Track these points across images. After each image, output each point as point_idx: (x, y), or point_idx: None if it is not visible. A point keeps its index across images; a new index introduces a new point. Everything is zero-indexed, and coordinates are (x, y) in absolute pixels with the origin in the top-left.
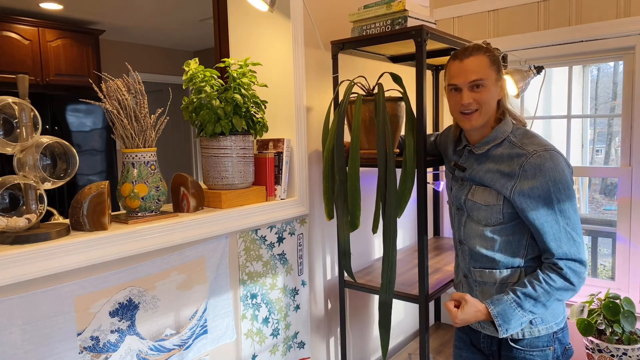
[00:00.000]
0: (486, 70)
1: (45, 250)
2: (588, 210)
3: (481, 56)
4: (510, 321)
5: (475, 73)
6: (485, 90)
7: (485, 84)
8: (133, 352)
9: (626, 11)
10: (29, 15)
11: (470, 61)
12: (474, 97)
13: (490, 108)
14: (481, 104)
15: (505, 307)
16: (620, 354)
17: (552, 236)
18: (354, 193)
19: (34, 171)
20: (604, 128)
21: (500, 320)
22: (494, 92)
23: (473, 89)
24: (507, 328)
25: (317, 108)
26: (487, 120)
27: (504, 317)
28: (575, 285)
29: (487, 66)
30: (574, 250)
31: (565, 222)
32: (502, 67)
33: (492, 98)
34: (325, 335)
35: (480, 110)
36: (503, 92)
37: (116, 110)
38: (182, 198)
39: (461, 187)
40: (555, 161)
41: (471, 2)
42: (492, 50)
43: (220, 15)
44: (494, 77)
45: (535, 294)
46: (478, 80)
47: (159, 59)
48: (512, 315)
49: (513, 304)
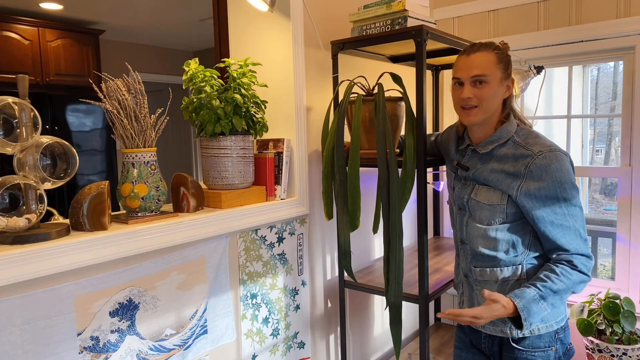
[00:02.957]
0: (491, 67)
1: (45, 250)
2: (588, 210)
3: (489, 53)
4: (534, 315)
5: (479, 68)
6: (487, 87)
7: (488, 80)
8: (133, 352)
9: (626, 11)
10: (29, 15)
11: (477, 56)
12: (474, 93)
13: (490, 106)
14: (481, 100)
15: (530, 300)
16: (620, 354)
17: (561, 234)
18: (353, 193)
19: (34, 171)
20: (604, 128)
21: (525, 314)
22: (497, 90)
23: (475, 85)
24: (530, 322)
25: (317, 108)
26: (487, 117)
27: (529, 310)
28: (589, 277)
29: (493, 63)
30: (582, 247)
31: (574, 220)
32: (511, 67)
33: (494, 96)
34: (325, 335)
35: (479, 107)
36: (509, 92)
37: (116, 110)
38: (182, 198)
39: (464, 187)
40: (560, 162)
41: (471, 2)
42: (503, 49)
43: (220, 15)
44: (499, 75)
45: (555, 287)
46: (480, 76)
47: (159, 59)
48: (537, 309)
49: (537, 296)
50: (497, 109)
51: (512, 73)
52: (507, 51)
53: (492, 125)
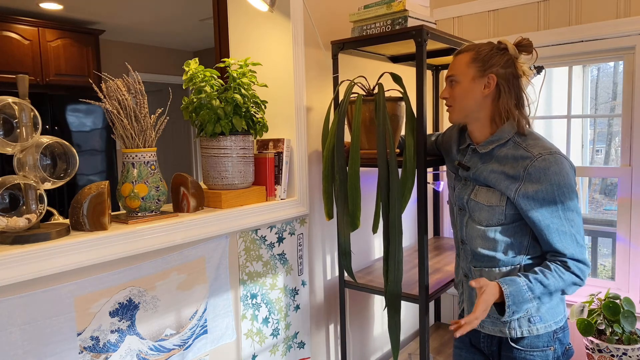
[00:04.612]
0: (461, 67)
1: (45, 250)
2: (588, 210)
3: (465, 54)
4: (520, 304)
5: (452, 69)
6: (458, 86)
7: (458, 79)
8: (133, 352)
9: (626, 11)
10: (29, 15)
11: (456, 58)
12: (449, 92)
13: (464, 104)
14: (453, 99)
15: (518, 288)
16: (620, 354)
17: (557, 238)
18: (354, 193)
19: (34, 171)
20: (604, 128)
21: (510, 301)
22: (469, 88)
23: (451, 84)
24: (514, 310)
25: (317, 108)
26: (468, 115)
27: (515, 298)
28: (582, 281)
29: (464, 63)
30: (578, 252)
31: (570, 225)
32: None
33: (466, 95)
34: (325, 335)
35: (453, 106)
36: (490, 89)
37: (116, 110)
38: (182, 198)
39: (464, 187)
40: (560, 165)
41: (471, 2)
42: (481, 49)
43: (220, 15)
44: (471, 74)
45: (546, 281)
46: (451, 76)
47: (159, 59)
48: (523, 298)
49: (525, 286)
50: (480, 107)
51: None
52: (484, 50)
53: (487, 124)
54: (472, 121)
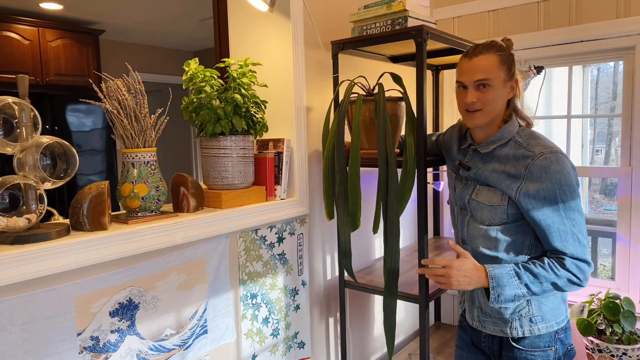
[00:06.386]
0: (494, 70)
1: (45, 250)
2: (588, 210)
3: (491, 55)
4: (504, 287)
5: (482, 72)
6: (491, 90)
7: (492, 83)
8: (133, 352)
9: (626, 11)
10: (29, 15)
11: (479, 60)
12: (478, 97)
13: (494, 108)
14: (485, 103)
15: (503, 272)
16: (620, 354)
17: (558, 237)
18: (354, 193)
19: (34, 171)
20: (604, 128)
21: (494, 283)
22: (501, 92)
23: (479, 88)
24: (499, 294)
25: (317, 108)
26: (492, 119)
27: (499, 280)
28: (581, 280)
29: (496, 66)
30: (579, 252)
31: (572, 224)
32: (515, 66)
33: (498, 98)
34: (325, 335)
35: (483, 110)
36: (514, 91)
37: (116, 110)
38: (182, 198)
39: (465, 187)
40: (561, 164)
41: (471, 2)
42: (506, 49)
43: (220, 15)
44: (502, 77)
45: (536, 270)
46: (484, 80)
47: (159, 59)
48: (508, 282)
49: (512, 271)
50: (501, 109)
51: (516, 72)
52: (510, 50)
53: (496, 125)
54: (489, 123)
